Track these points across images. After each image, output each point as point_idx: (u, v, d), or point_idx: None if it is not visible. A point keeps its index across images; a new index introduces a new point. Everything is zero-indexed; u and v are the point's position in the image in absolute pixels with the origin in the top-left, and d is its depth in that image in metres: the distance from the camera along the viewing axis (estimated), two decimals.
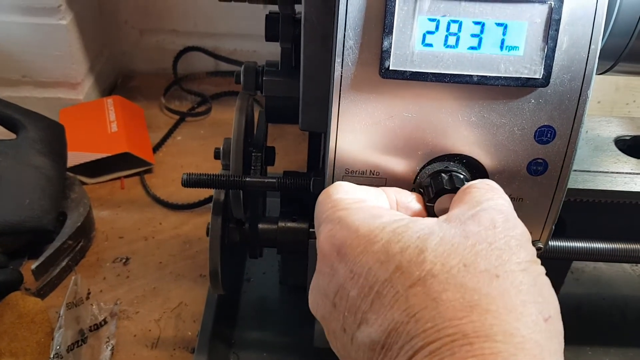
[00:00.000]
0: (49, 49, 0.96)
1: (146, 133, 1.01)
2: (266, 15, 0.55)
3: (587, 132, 0.67)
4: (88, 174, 0.91)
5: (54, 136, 0.81)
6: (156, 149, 0.99)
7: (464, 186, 0.41)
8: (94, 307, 0.70)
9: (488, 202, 0.38)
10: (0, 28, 0.95)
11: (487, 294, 0.32)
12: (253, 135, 0.65)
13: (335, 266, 0.37)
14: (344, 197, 0.41)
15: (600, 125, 0.68)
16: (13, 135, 0.79)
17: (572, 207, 0.57)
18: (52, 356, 0.62)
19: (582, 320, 0.76)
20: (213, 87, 1.16)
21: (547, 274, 0.36)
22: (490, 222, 0.36)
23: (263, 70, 0.59)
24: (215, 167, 0.74)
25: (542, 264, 0.52)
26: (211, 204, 0.79)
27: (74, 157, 0.87)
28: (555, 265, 0.72)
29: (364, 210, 0.38)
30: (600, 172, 0.60)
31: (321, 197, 0.42)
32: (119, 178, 0.93)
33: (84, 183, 0.90)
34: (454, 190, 0.44)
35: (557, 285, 0.74)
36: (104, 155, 0.90)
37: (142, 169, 0.94)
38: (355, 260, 0.36)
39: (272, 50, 0.60)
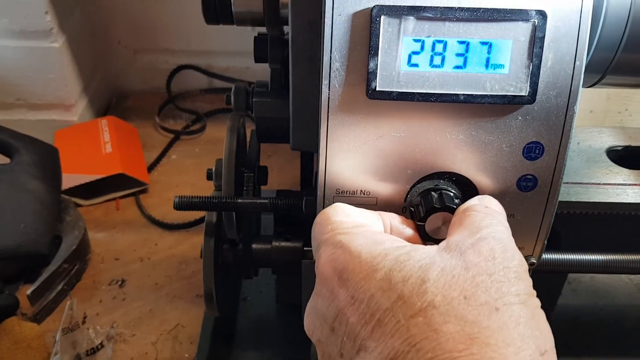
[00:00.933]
0: (42, 71, 0.97)
1: (141, 153, 1.01)
2: (255, 37, 0.55)
3: (578, 143, 0.67)
4: (83, 195, 0.91)
5: (47, 159, 0.81)
6: (151, 168, 1.00)
7: (463, 208, 0.42)
8: (90, 331, 0.70)
9: (487, 230, 0.38)
10: None
11: (487, 327, 0.32)
12: (245, 154, 0.66)
13: (336, 291, 0.37)
14: (343, 219, 0.41)
15: (592, 136, 0.68)
16: (7, 160, 0.79)
17: (566, 219, 0.57)
18: None
19: (579, 331, 0.75)
20: (207, 104, 1.16)
21: (544, 285, 0.37)
22: (489, 252, 0.36)
23: (253, 91, 0.60)
24: (210, 186, 0.74)
25: (538, 275, 0.52)
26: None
27: (69, 179, 0.87)
28: (552, 277, 0.72)
29: (365, 235, 0.39)
30: (592, 184, 0.61)
31: (319, 219, 0.42)
32: (114, 199, 0.93)
33: (79, 205, 0.90)
34: (444, 208, 0.44)
35: (554, 296, 0.75)
36: (99, 176, 0.90)
37: (137, 189, 0.94)
38: (357, 286, 0.36)
39: (265, 67, 0.61)
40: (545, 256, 0.58)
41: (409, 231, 0.43)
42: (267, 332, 0.73)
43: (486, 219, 0.39)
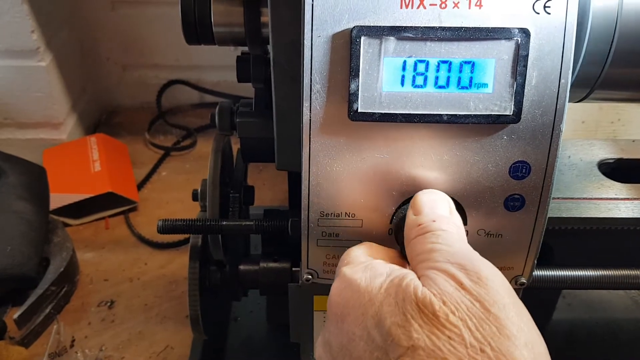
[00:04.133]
0: (30, 90, 0.96)
1: (130, 170, 1.00)
2: (237, 56, 0.55)
3: (569, 157, 0.66)
4: (72, 215, 0.90)
5: (35, 180, 0.81)
6: (141, 185, 0.99)
7: (415, 224, 0.40)
8: (78, 354, 0.69)
9: (455, 257, 0.37)
10: None
11: None
12: (232, 173, 0.65)
13: (339, 325, 0.37)
14: (359, 254, 0.41)
15: (583, 148, 0.68)
16: None
17: (559, 235, 0.57)
18: None
19: (575, 345, 0.75)
20: (198, 119, 1.16)
21: (539, 300, 0.36)
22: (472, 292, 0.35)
23: (237, 111, 0.59)
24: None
25: (532, 291, 0.51)
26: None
27: (57, 199, 0.86)
28: (547, 291, 0.71)
29: (368, 268, 0.39)
30: (584, 198, 0.60)
31: (345, 252, 0.43)
32: (103, 218, 0.92)
33: (68, 225, 0.89)
34: None
35: (549, 310, 0.74)
36: (87, 196, 0.89)
37: (127, 207, 0.93)
38: (356, 321, 0.36)
39: None
40: (538, 273, 0.57)
41: None
42: (257, 352, 0.72)
43: (446, 240, 0.38)
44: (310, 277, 0.50)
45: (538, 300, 0.71)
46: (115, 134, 1.08)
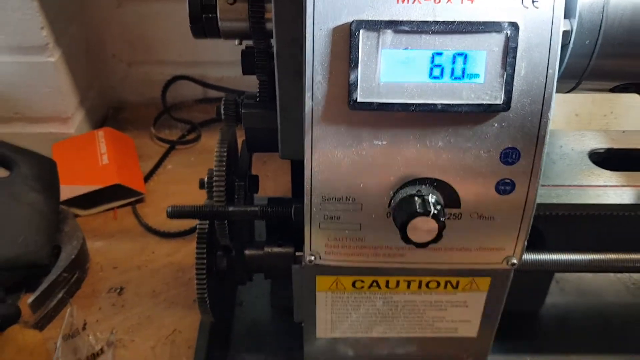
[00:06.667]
0: (39, 86, 0.99)
1: (137, 163, 1.03)
2: (242, 50, 0.57)
3: (561, 146, 0.69)
4: (81, 206, 0.93)
5: (46, 172, 0.83)
6: (147, 178, 1.01)
7: None
8: (90, 337, 0.72)
9: None
10: None
11: None
12: (237, 164, 0.67)
13: None
14: None
15: (575, 139, 0.70)
16: (6, 173, 0.81)
17: (550, 220, 0.59)
18: None
19: (568, 329, 0.77)
20: (202, 114, 1.18)
21: (532, 285, 0.37)
22: None
23: (242, 102, 0.61)
24: (204, 195, 0.76)
25: (526, 275, 0.53)
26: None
27: (67, 191, 0.89)
28: (539, 276, 0.74)
29: None
30: (574, 186, 0.62)
31: None
32: (111, 209, 0.95)
33: (77, 215, 0.91)
34: (426, 213, 0.46)
35: (542, 294, 0.76)
36: (96, 187, 0.92)
37: (134, 199, 0.96)
38: None
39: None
40: (530, 257, 0.60)
41: None
42: (262, 335, 0.75)
43: None
44: (313, 258, 0.53)
45: (532, 285, 0.74)
46: (122, 128, 1.11)
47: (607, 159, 0.67)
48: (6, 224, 0.76)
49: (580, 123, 0.92)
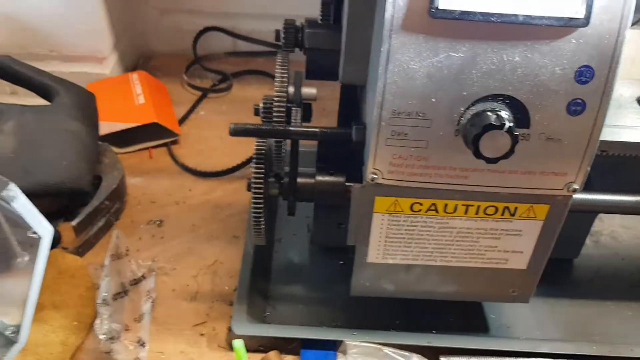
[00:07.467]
0: (77, 23, 0.98)
1: (171, 106, 1.03)
2: None
3: None
4: (116, 144, 0.93)
5: (86, 103, 0.83)
6: (180, 122, 1.02)
7: None
8: (132, 263, 0.72)
9: None
10: (31, 2, 0.97)
11: None
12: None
13: None
14: None
15: (623, 86, 0.70)
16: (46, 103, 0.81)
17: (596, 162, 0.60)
18: (99, 302, 0.64)
19: (603, 279, 0.78)
20: (232, 66, 1.18)
21: (569, 237, 0.37)
22: None
23: (302, 28, 0.62)
24: (238, 144, 0.77)
25: (568, 217, 0.54)
26: (238, 172, 0.83)
27: (104, 127, 0.89)
28: (577, 228, 0.74)
29: None
30: (625, 126, 0.62)
31: None
32: (146, 148, 0.95)
33: None
34: (501, 127, 0.46)
35: (578, 246, 0.77)
36: (134, 124, 0.92)
37: (169, 139, 0.96)
38: None
39: None
40: (578, 196, 0.60)
41: None
42: (302, 269, 0.76)
43: None
44: (375, 176, 0.53)
45: (571, 231, 0.75)
46: (153, 75, 1.10)
47: None
48: (49, 150, 0.76)
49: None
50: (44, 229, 0.55)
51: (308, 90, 0.65)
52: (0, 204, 0.55)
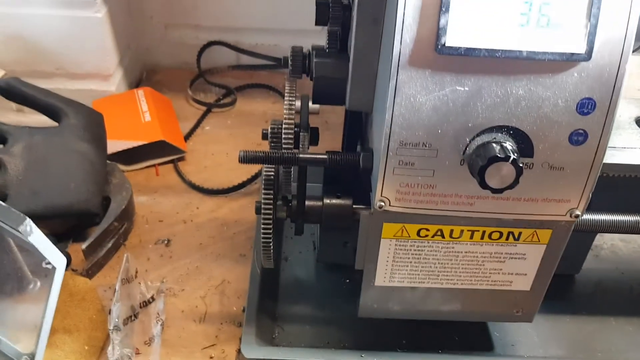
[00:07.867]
0: (84, 41, 1.00)
1: (177, 122, 1.04)
2: (316, 1, 0.59)
3: None
4: (123, 161, 0.94)
5: (94, 124, 0.84)
6: (186, 138, 1.03)
7: None
8: (141, 285, 0.73)
9: None
10: (37, 21, 0.98)
11: None
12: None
13: None
14: None
15: (621, 106, 0.71)
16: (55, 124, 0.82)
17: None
18: (111, 328, 0.65)
19: (604, 293, 0.79)
20: (235, 80, 1.19)
21: (570, 252, 0.38)
22: None
23: (309, 55, 0.63)
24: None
25: (570, 237, 0.55)
26: (244, 189, 0.84)
27: (111, 145, 0.90)
28: (578, 244, 0.76)
29: None
30: (625, 147, 0.64)
31: None
32: (153, 165, 0.96)
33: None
34: (506, 159, 0.47)
35: (579, 261, 0.78)
36: (140, 143, 0.93)
37: (175, 156, 0.97)
38: None
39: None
40: (585, 217, 0.61)
41: None
42: (309, 288, 0.77)
43: None
44: (382, 204, 0.55)
45: (570, 252, 0.76)
46: (157, 90, 1.11)
47: None
48: (58, 172, 0.77)
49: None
50: (58, 259, 0.56)
51: (310, 105, 0.66)
52: (13, 233, 0.57)
